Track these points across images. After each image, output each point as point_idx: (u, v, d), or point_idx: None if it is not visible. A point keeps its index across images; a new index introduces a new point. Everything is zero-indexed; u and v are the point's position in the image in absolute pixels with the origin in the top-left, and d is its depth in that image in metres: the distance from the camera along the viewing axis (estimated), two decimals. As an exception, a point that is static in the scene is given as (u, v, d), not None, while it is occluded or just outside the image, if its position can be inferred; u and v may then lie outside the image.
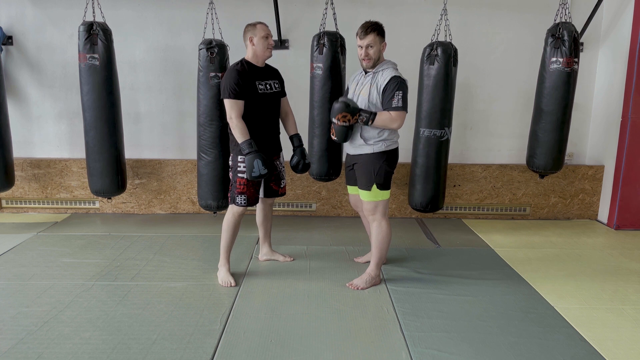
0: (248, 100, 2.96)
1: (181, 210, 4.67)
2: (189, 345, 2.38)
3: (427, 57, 3.70)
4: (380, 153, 2.93)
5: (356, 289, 3.03)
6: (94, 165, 3.89)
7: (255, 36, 2.98)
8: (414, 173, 3.92)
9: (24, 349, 2.32)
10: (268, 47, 3.02)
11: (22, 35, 4.42)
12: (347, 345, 2.41)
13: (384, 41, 2.92)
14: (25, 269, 3.28)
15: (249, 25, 3.04)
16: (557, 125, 3.76)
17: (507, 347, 2.39)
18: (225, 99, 2.93)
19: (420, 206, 3.92)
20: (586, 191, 4.64)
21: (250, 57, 3.04)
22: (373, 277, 3.09)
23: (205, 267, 3.34)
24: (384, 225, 3.03)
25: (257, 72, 3.03)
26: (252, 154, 2.89)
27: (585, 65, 4.50)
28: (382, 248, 3.07)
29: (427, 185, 3.86)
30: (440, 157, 3.82)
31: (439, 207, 3.95)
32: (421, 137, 3.81)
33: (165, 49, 4.48)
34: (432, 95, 3.69)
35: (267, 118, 3.09)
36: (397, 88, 2.79)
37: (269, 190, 3.28)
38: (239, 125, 2.91)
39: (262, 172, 2.89)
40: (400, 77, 2.84)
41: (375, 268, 3.10)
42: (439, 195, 3.92)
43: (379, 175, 2.94)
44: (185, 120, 4.54)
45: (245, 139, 2.91)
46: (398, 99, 2.79)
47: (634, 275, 3.34)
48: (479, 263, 3.50)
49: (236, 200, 3.06)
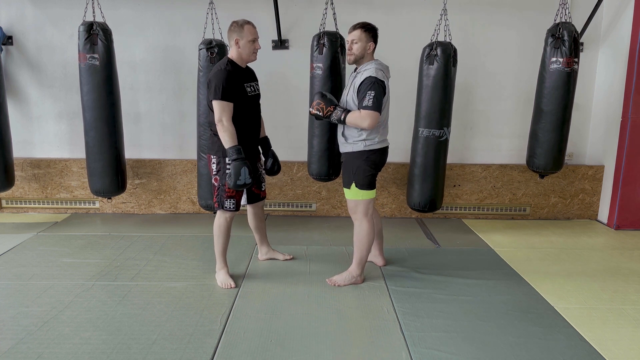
0: (237, 102, 2.85)
1: (181, 210, 4.67)
2: (189, 345, 2.38)
3: (426, 57, 3.70)
4: (360, 152, 2.94)
5: (334, 285, 3.07)
6: (93, 165, 3.89)
7: (241, 39, 2.83)
8: (413, 173, 3.92)
9: (24, 349, 2.32)
10: (255, 51, 2.89)
11: (22, 35, 4.42)
12: (347, 345, 2.41)
13: (372, 41, 2.92)
14: (25, 269, 3.27)
15: (235, 23, 2.85)
16: (557, 125, 3.76)
17: (507, 347, 2.39)
18: (216, 101, 2.78)
19: (418, 206, 3.93)
20: (586, 191, 4.64)
21: (234, 58, 2.90)
22: (354, 277, 3.11)
23: (205, 267, 3.34)
24: (364, 225, 3.02)
25: (243, 73, 2.94)
26: (240, 161, 2.77)
27: (585, 65, 4.50)
28: (362, 248, 3.07)
29: (425, 185, 3.86)
30: (439, 157, 3.82)
31: (437, 207, 3.95)
32: (420, 137, 3.81)
33: (165, 49, 4.48)
34: (431, 95, 3.69)
35: (252, 121, 3.01)
36: (369, 88, 2.79)
37: (252, 196, 3.22)
38: (229, 129, 2.79)
39: (247, 181, 2.79)
40: (376, 77, 2.81)
41: (356, 267, 3.11)
42: (437, 195, 3.92)
43: (357, 174, 2.95)
44: (185, 120, 4.54)
45: (234, 144, 2.78)
46: (369, 98, 2.78)
47: (634, 275, 3.34)
48: (479, 263, 3.50)
49: (225, 205, 2.99)
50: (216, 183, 3.00)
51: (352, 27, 2.92)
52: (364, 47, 2.89)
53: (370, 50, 2.92)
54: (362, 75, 2.86)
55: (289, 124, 4.49)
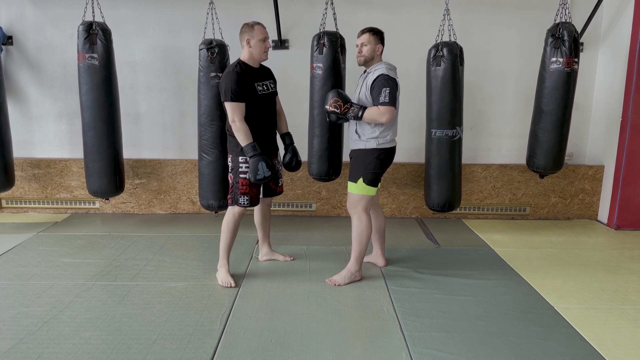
0: (249, 102, 2.94)
1: (181, 210, 4.67)
2: (189, 345, 2.38)
3: (433, 58, 3.69)
4: (372, 149, 3.01)
5: (335, 285, 3.07)
6: (91, 166, 3.88)
7: (252, 38, 2.93)
8: (429, 174, 3.90)
9: (24, 349, 2.32)
10: (265, 50, 2.99)
11: (22, 35, 4.42)
12: (347, 345, 2.41)
13: (380, 44, 3.02)
14: (25, 269, 3.27)
15: (245, 25, 2.97)
16: (557, 125, 3.75)
17: (507, 347, 2.39)
18: (227, 102, 2.89)
19: (437, 207, 3.90)
20: (586, 191, 4.63)
21: (246, 59, 3.00)
22: (353, 273, 3.12)
23: (205, 267, 3.34)
24: (364, 219, 3.07)
25: (255, 73, 3.01)
26: (257, 157, 2.89)
27: (585, 65, 4.50)
28: (361, 242, 3.10)
29: (442, 185, 3.84)
30: (454, 156, 3.81)
31: (455, 206, 3.93)
32: (433, 138, 3.79)
33: (165, 49, 4.48)
34: (441, 95, 3.68)
35: (266, 119, 3.09)
36: (383, 85, 2.89)
37: (268, 190, 3.28)
38: (242, 128, 2.90)
39: (266, 174, 2.90)
40: (388, 75, 2.91)
41: (354, 263, 3.13)
42: (455, 194, 3.90)
43: (368, 170, 3.02)
44: (185, 120, 4.54)
45: (249, 141, 2.90)
46: (385, 94, 2.87)
47: (634, 275, 3.34)
48: (479, 263, 3.50)
49: (239, 202, 3.05)
50: (231, 180, 3.09)
51: (361, 32, 3.04)
52: (373, 50, 3.00)
53: (379, 52, 3.03)
54: (373, 75, 2.95)
55: (289, 124, 4.47)
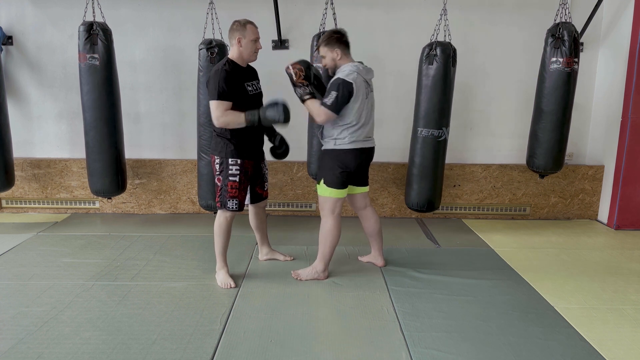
0: (239, 102, 2.86)
1: (181, 210, 4.67)
2: (189, 345, 2.38)
3: (425, 57, 3.70)
4: (329, 150, 3.03)
5: (297, 278, 3.12)
6: (93, 165, 3.89)
7: (244, 38, 2.84)
8: (411, 173, 3.92)
9: (24, 349, 2.32)
10: (256, 50, 2.91)
11: (22, 35, 4.42)
12: (347, 345, 2.41)
13: (336, 48, 2.96)
14: (25, 269, 3.27)
15: (237, 23, 2.87)
16: (557, 125, 3.76)
17: (507, 347, 2.39)
18: (214, 101, 2.80)
19: (416, 206, 3.93)
20: (586, 191, 4.64)
21: (235, 57, 2.90)
22: (317, 272, 3.14)
23: (205, 267, 3.34)
24: (329, 223, 3.06)
25: (243, 72, 2.94)
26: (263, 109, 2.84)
27: (585, 65, 4.49)
28: (325, 244, 3.09)
29: (423, 185, 3.86)
30: (437, 157, 3.82)
31: (435, 207, 3.95)
32: (419, 137, 3.81)
33: (165, 49, 4.48)
34: (431, 95, 3.69)
35: None
36: (334, 88, 2.88)
37: (255, 195, 3.22)
38: (228, 116, 2.82)
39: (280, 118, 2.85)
40: (344, 80, 2.86)
41: (319, 263, 3.14)
42: (435, 195, 3.92)
43: (326, 172, 3.03)
44: (185, 120, 4.54)
45: (243, 115, 2.82)
46: (331, 97, 2.87)
47: (634, 275, 3.34)
48: (479, 263, 3.50)
49: (227, 205, 2.99)
50: (219, 183, 3.01)
51: (317, 45, 3.06)
52: (332, 59, 3.00)
53: (338, 57, 2.98)
54: (335, 76, 2.95)
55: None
